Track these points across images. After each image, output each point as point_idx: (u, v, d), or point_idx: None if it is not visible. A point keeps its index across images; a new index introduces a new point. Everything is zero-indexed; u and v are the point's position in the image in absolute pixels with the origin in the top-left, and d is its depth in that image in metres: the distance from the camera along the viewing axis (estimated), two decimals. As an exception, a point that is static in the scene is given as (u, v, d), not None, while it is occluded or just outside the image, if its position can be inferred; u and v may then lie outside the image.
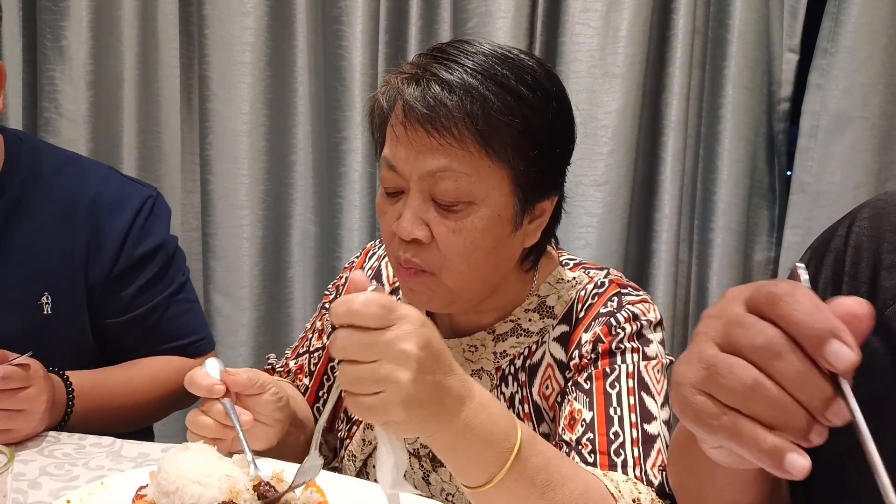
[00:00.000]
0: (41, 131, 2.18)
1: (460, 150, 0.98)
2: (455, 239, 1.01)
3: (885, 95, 1.89)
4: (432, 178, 1.00)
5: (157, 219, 1.46)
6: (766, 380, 0.53)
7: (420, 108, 0.98)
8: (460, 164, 0.98)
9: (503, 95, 0.99)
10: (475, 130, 0.97)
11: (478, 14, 2.02)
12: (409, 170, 1.01)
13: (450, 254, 1.02)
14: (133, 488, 0.97)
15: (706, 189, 2.05)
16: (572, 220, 2.03)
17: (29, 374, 1.15)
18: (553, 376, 1.12)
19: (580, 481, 0.89)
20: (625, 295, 1.12)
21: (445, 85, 0.98)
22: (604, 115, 1.99)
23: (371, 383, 0.74)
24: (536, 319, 1.14)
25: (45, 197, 1.38)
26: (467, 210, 1.01)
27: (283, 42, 2.18)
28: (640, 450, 1.01)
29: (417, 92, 0.99)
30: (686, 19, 1.94)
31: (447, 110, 0.97)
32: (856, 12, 1.86)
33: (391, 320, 0.74)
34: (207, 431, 1.05)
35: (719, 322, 0.57)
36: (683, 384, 0.57)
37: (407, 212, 1.01)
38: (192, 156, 2.26)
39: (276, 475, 1.04)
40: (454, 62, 1.00)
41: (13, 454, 0.87)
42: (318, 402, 1.32)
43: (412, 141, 1.00)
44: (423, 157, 0.99)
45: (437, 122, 0.97)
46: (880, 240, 0.88)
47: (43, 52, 2.16)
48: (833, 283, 0.91)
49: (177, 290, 1.49)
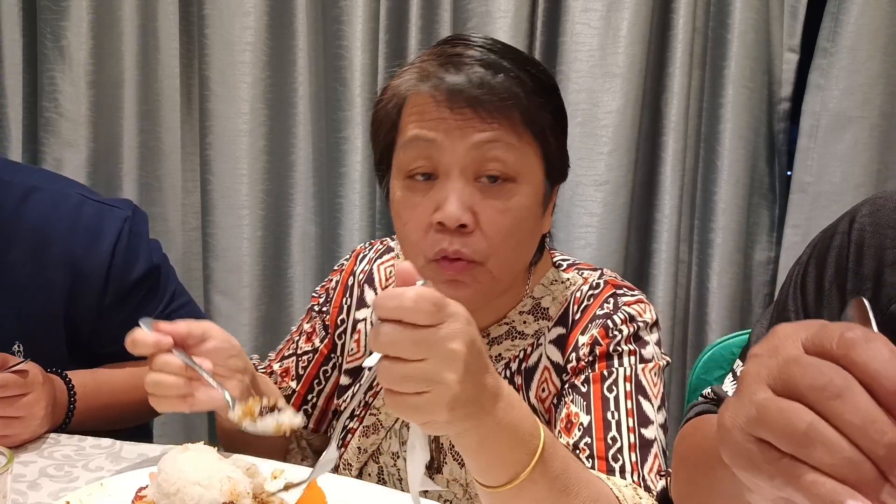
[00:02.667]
0: (41, 131, 2.19)
1: (509, 128, 0.99)
2: (503, 220, 1.00)
3: (886, 95, 1.89)
4: (479, 151, 0.98)
5: (138, 239, 1.39)
6: (822, 422, 0.48)
7: (469, 89, 0.97)
8: (509, 137, 0.99)
9: (535, 77, 1.02)
10: (520, 109, 0.99)
11: (478, 14, 2.02)
12: (453, 146, 0.98)
13: (497, 237, 1.00)
14: (132, 489, 0.97)
15: (706, 189, 2.05)
16: (572, 219, 2.03)
17: (27, 381, 1.14)
18: (550, 379, 1.11)
19: (593, 488, 0.89)
20: (620, 296, 1.12)
21: (487, 66, 0.99)
22: (604, 114, 1.98)
23: (418, 382, 0.72)
24: (531, 321, 1.14)
25: (11, 234, 1.28)
26: (513, 189, 1.00)
27: (284, 42, 2.18)
28: (638, 455, 1.00)
29: (461, 75, 0.98)
30: (686, 19, 1.94)
31: (495, 90, 0.98)
32: (856, 12, 1.85)
33: (441, 318, 0.72)
34: (172, 389, 1.01)
35: (773, 362, 0.52)
36: (733, 429, 0.53)
37: (452, 196, 0.98)
38: (192, 156, 2.26)
39: (274, 475, 1.05)
40: (480, 48, 1.01)
41: (13, 455, 0.87)
42: (305, 404, 1.29)
43: (460, 120, 0.98)
44: (472, 132, 0.98)
45: (488, 102, 0.97)
46: (883, 236, 0.88)
47: (43, 51, 2.16)
48: (837, 281, 0.91)
49: (170, 301, 1.45)
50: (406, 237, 1.05)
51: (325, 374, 1.28)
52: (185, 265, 2.31)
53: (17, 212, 1.29)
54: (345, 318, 1.25)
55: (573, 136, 2.00)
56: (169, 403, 1.03)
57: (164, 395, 1.02)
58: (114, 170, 2.25)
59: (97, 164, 2.22)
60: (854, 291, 0.89)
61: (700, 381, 1.50)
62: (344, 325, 1.25)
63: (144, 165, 2.26)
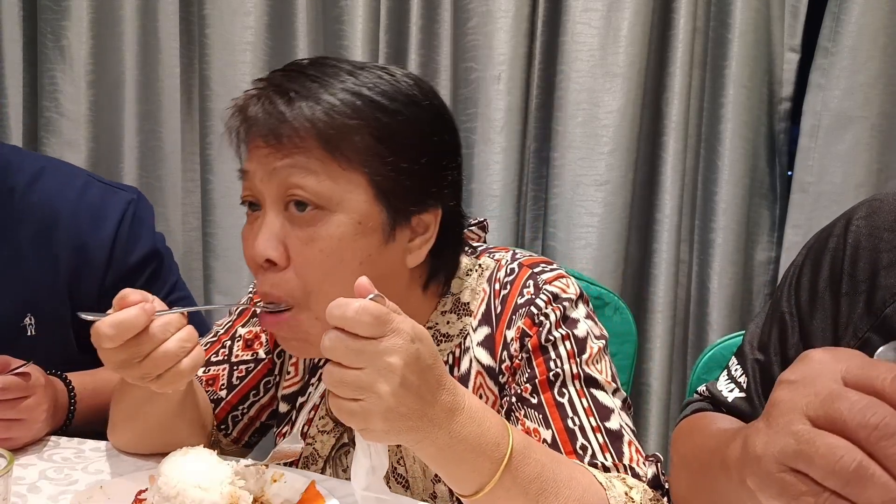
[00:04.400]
0: (42, 131, 2.19)
1: (306, 157, 0.94)
2: (310, 252, 0.94)
3: (886, 95, 1.89)
4: (280, 178, 0.94)
5: (141, 223, 1.41)
6: (873, 463, 0.48)
7: (261, 122, 0.95)
8: (308, 163, 0.94)
9: (350, 100, 0.94)
10: (318, 135, 0.93)
11: (478, 14, 2.02)
12: (261, 177, 0.96)
13: (310, 274, 0.94)
14: (132, 493, 0.98)
15: (707, 189, 2.05)
16: (573, 219, 2.03)
17: (29, 384, 1.14)
18: (485, 384, 1.07)
19: (576, 486, 0.89)
20: (538, 274, 1.07)
21: (285, 95, 0.95)
22: (604, 114, 1.98)
23: (353, 389, 0.75)
24: (455, 321, 1.09)
25: (21, 212, 1.32)
26: (320, 217, 0.94)
27: (284, 42, 2.17)
28: (612, 452, 0.98)
29: (258, 107, 0.95)
30: (687, 19, 1.94)
31: (286, 120, 0.93)
32: (857, 12, 1.85)
33: (382, 331, 0.75)
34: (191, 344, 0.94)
35: (811, 392, 0.52)
36: (766, 457, 0.53)
37: (263, 229, 0.95)
38: (192, 155, 2.26)
39: (274, 479, 1.05)
40: (301, 73, 0.97)
41: (13, 458, 0.87)
42: (234, 412, 1.23)
43: (260, 156, 0.96)
44: (273, 161, 0.94)
45: (279, 133, 0.94)
46: (878, 239, 0.89)
47: (43, 51, 2.16)
48: (832, 283, 0.91)
49: (170, 291, 1.46)
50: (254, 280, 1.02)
51: (265, 386, 1.23)
52: (186, 265, 2.31)
53: (26, 192, 1.33)
54: None
55: (574, 136, 2.00)
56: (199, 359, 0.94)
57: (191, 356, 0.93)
58: (114, 169, 2.25)
59: (97, 163, 2.22)
60: (848, 294, 0.89)
61: (700, 381, 1.50)
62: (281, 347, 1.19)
63: (145, 165, 2.26)
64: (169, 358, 0.91)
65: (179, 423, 1.12)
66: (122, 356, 0.90)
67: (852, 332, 0.88)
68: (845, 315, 0.89)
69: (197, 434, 1.16)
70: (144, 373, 0.91)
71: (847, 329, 0.88)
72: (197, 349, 0.94)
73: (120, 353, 0.90)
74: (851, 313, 0.88)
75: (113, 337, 0.88)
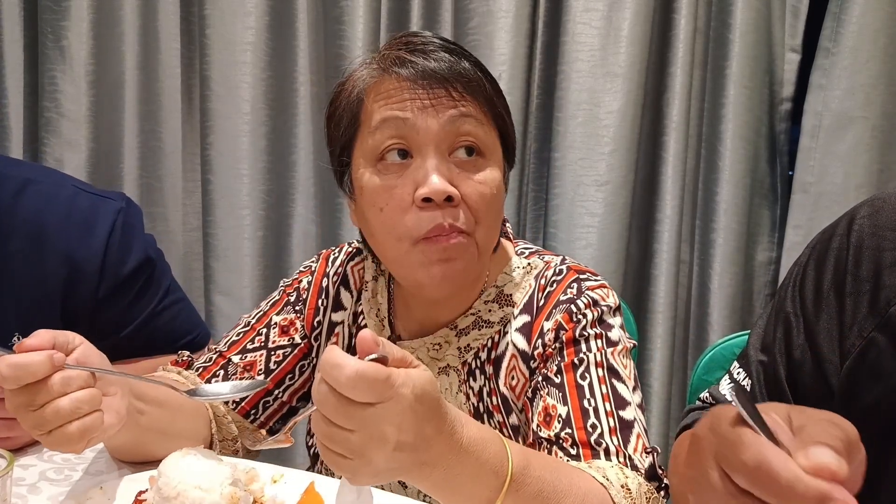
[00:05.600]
0: (42, 131, 2.19)
1: (477, 107, 1.04)
2: (483, 190, 1.03)
3: (887, 96, 1.89)
4: (453, 126, 1.01)
5: (132, 231, 1.39)
6: None
7: (440, 69, 1.01)
8: (478, 114, 1.04)
9: (483, 69, 1.07)
10: (484, 93, 1.04)
11: (479, 14, 2.02)
12: (426, 125, 1.01)
13: (481, 208, 1.03)
14: (132, 493, 0.97)
15: (708, 189, 2.05)
16: (573, 219, 2.03)
17: None
18: (518, 367, 1.11)
19: (577, 492, 0.89)
20: (584, 281, 1.12)
21: (453, 53, 1.04)
22: (605, 114, 1.98)
23: (342, 449, 0.72)
24: (496, 309, 1.14)
25: (8, 227, 1.29)
26: (485, 163, 1.05)
27: (285, 42, 2.18)
28: (619, 437, 1.00)
29: (429, 60, 1.02)
30: (688, 19, 1.94)
31: (463, 73, 1.03)
32: (858, 12, 1.85)
33: (380, 398, 0.70)
34: (94, 403, 0.87)
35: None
36: None
37: (433, 171, 1.00)
38: (192, 156, 2.26)
39: (274, 479, 1.05)
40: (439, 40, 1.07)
41: (13, 458, 0.87)
42: (267, 397, 1.25)
43: (432, 98, 1.01)
44: (444, 110, 1.02)
45: (458, 83, 1.02)
46: (881, 238, 0.88)
47: (44, 51, 2.16)
48: (836, 283, 0.91)
49: (164, 295, 1.45)
50: (384, 224, 1.04)
51: (300, 370, 1.26)
52: (186, 265, 2.31)
53: (12, 205, 1.30)
54: (321, 321, 1.24)
55: (574, 136, 2.00)
56: (92, 428, 0.87)
57: (83, 421, 0.86)
58: (114, 170, 2.25)
59: (98, 164, 2.22)
60: (853, 294, 0.89)
61: (701, 381, 1.50)
62: (320, 328, 1.24)
63: (145, 165, 2.26)
64: (59, 416, 0.84)
65: (175, 427, 1.11)
66: (19, 399, 0.85)
67: (857, 331, 0.88)
68: (850, 315, 0.89)
69: (194, 435, 1.16)
70: (35, 424, 0.85)
71: (852, 329, 0.88)
72: (93, 417, 0.86)
73: (17, 396, 0.85)
74: (856, 313, 0.88)
75: (8, 379, 0.83)
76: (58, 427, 0.85)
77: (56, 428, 0.85)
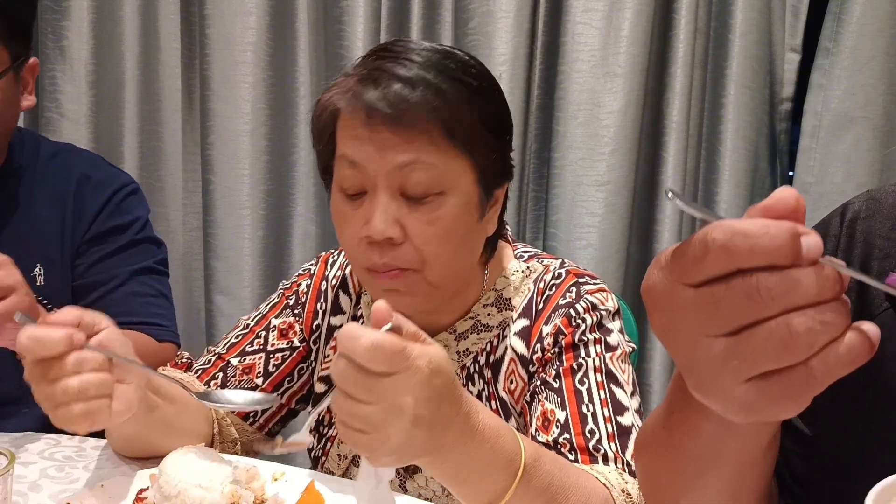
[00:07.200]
0: (42, 131, 2.19)
1: (428, 144, 0.98)
2: (430, 231, 1.00)
3: (887, 96, 1.89)
4: (401, 172, 0.98)
5: (134, 201, 1.53)
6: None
7: (384, 107, 0.96)
8: (428, 156, 0.98)
9: (458, 86, 0.99)
10: (440, 122, 0.98)
11: (479, 14, 2.02)
12: (375, 167, 0.98)
13: (427, 247, 1.00)
14: (133, 491, 0.98)
15: (708, 189, 2.05)
16: (574, 220, 2.03)
17: None
18: (516, 371, 1.11)
19: (582, 490, 0.90)
20: (583, 284, 1.12)
21: (405, 81, 0.97)
22: (605, 114, 1.98)
23: (361, 423, 0.73)
24: (495, 313, 1.14)
25: (41, 179, 1.47)
26: (438, 201, 1.00)
27: (285, 42, 2.18)
28: (618, 443, 1.01)
29: (377, 92, 0.97)
30: (688, 19, 1.94)
31: (411, 106, 0.96)
32: (858, 12, 1.85)
33: (396, 367, 0.71)
34: (103, 388, 0.88)
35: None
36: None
37: (377, 211, 0.98)
38: (193, 156, 2.26)
39: (275, 477, 1.05)
40: (405, 59, 0.99)
41: (14, 456, 0.87)
42: None
43: (378, 140, 0.98)
44: (391, 153, 0.98)
45: (403, 119, 0.96)
46: (874, 224, 0.89)
47: (44, 51, 2.16)
48: None
49: (142, 271, 1.51)
50: (344, 247, 1.06)
51: (299, 372, 1.25)
52: (187, 265, 2.31)
53: (47, 163, 1.49)
54: (320, 324, 1.24)
55: (574, 137, 2.00)
56: (97, 412, 0.88)
57: (88, 403, 0.87)
58: (115, 170, 2.25)
59: (98, 164, 2.22)
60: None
61: (701, 381, 1.50)
62: (318, 331, 1.24)
63: (145, 165, 2.26)
64: (66, 394, 0.86)
65: (181, 423, 1.11)
66: (34, 370, 0.87)
67: None
68: None
69: (197, 433, 1.16)
70: (45, 397, 0.87)
71: None
72: (100, 401, 0.87)
73: (34, 367, 0.87)
74: None
75: (26, 349, 0.86)
76: (64, 405, 0.86)
77: (62, 405, 0.86)
